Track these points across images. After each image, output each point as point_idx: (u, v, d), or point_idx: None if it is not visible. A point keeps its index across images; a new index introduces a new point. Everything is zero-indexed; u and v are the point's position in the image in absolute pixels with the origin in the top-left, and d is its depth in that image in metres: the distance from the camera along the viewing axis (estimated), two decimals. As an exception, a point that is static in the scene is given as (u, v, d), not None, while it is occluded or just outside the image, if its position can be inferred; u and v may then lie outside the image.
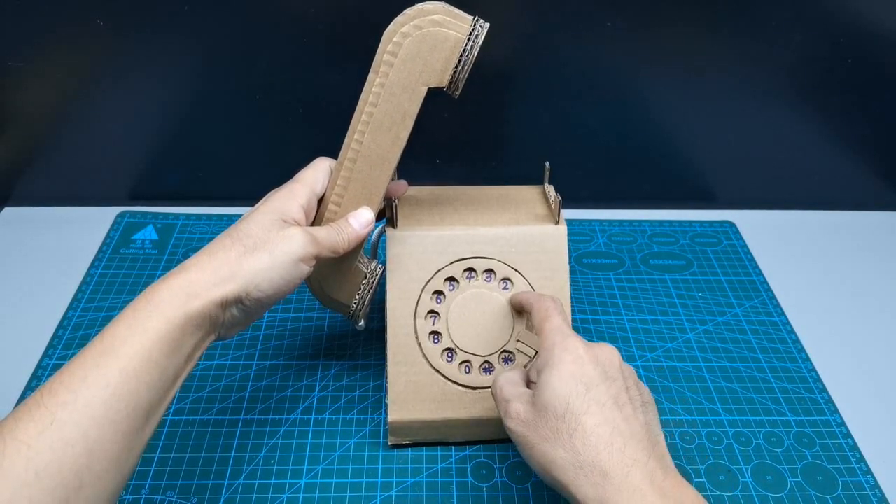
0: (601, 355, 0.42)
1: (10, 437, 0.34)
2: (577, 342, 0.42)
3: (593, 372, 0.41)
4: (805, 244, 0.78)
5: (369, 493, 0.51)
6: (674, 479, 0.38)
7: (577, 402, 0.39)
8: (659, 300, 0.69)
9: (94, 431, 0.35)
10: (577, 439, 0.38)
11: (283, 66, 0.70)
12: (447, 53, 0.46)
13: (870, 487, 0.53)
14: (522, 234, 0.54)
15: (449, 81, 0.47)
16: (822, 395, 0.60)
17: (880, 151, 0.79)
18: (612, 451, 0.38)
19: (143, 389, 0.38)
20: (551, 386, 0.40)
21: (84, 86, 0.70)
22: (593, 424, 0.38)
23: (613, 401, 0.40)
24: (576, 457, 0.38)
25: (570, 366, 0.41)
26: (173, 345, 0.39)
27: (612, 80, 0.72)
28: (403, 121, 0.48)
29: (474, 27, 0.46)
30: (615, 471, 0.37)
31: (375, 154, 0.49)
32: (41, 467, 0.34)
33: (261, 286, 0.43)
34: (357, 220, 0.49)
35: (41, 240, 0.74)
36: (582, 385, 0.40)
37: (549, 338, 0.43)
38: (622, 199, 0.81)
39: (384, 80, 0.47)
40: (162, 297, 0.40)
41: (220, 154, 0.76)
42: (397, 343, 0.53)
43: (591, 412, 0.39)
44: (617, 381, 0.41)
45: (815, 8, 0.68)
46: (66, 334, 0.63)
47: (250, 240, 0.43)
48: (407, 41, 0.46)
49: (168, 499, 0.50)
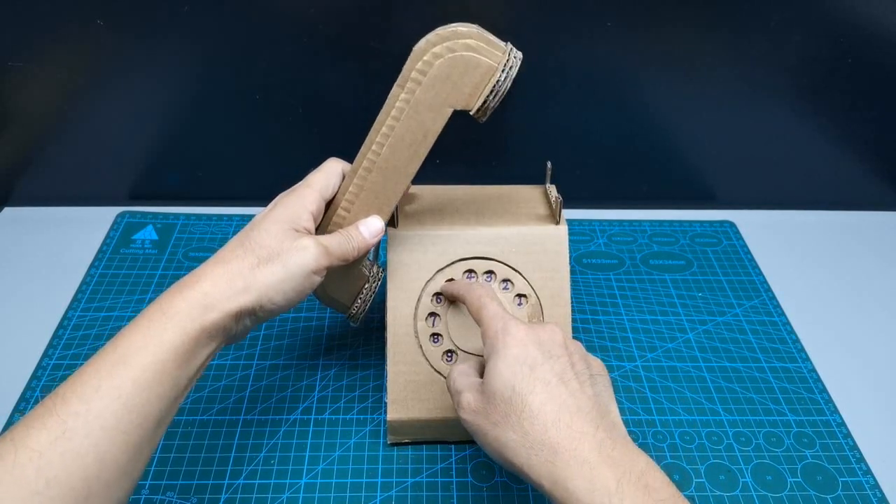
0: (543, 335, 0.42)
1: (22, 444, 0.34)
2: (517, 326, 0.42)
3: (536, 352, 0.40)
4: (805, 244, 0.78)
5: (369, 493, 0.51)
6: (624, 447, 0.38)
7: (523, 384, 0.39)
8: (659, 300, 0.69)
9: (105, 442, 0.36)
10: (525, 420, 0.38)
11: (283, 66, 0.70)
12: (478, 79, 0.46)
13: (870, 487, 0.53)
14: (523, 234, 0.54)
15: (478, 108, 0.47)
16: (822, 395, 0.60)
17: (880, 151, 0.79)
18: (560, 427, 0.37)
19: (155, 400, 0.38)
20: (497, 371, 0.40)
21: (84, 86, 0.70)
22: (539, 403, 0.38)
23: (558, 378, 0.40)
24: (525, 438, 0.38)
25: (514, 349, 0.41)
26: (187, 356, 0.40)
27: (612, 80, 0.72)
28: (425, 139, 0.48)
29: (508, 57, 0.46)
30: (563, 445, 0.37)
31: (392, 167, 0.49)
32: (52, 476, 0.34)
33: (274, 299, 0.43)
34: (367, 228, 0.49)
35: (41, 240, 0.74)
36: (526, 366, 0.40)
37: (490, 325, 0.43)
38: (622, 199, 0.81)
39: (410, 97, 0.47)
40: (178, 308, 0.40)
41: (220, 154, 0.76)
42: (397, 343, 0.53)
43: (536, 391, 0.39)
44: (561, 358, 0.41)
45: (815, 8, 0.68)
46: (66, 334, 0.63)
47: (263, 251, 0.43)
48: (438, 62, 0.46)
49: (168, 499, 0.50)
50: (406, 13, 0.66)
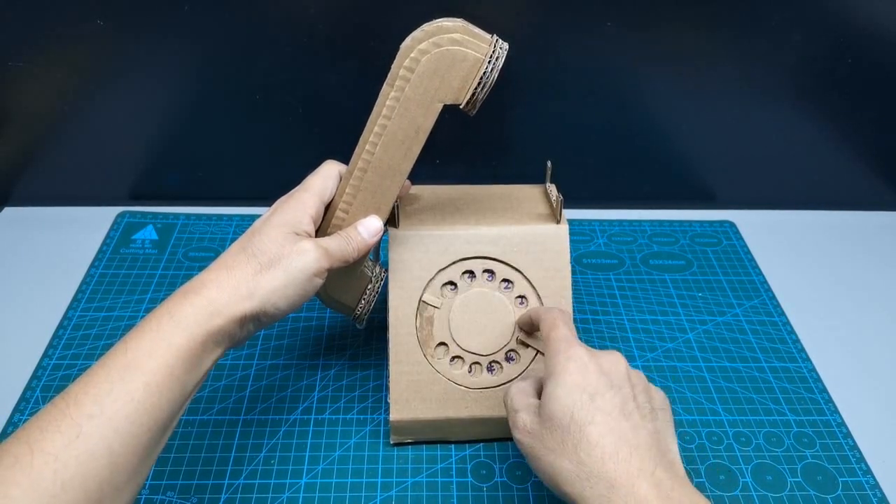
0: (605, 363, 0.41)
1: (38, 448, 0.34)
2: (581, 350, 0.42)
3: (598, 381, 0.40)
4: (805, 244, 0.78)
5: (369, 493, 0.51)
6: (682, 487, 0.37)
7: (582, 413, 0.39)
8: (659, 300, 0.69)
9: (118, 445, 0.36)
10: (582, 450, 0.38)
11: (283, 66, 0.70)
12: (465, 72, 0.46)
13: (870, 487, 0.53)
14: (524, 233, 0.54)
15: (466, 101, 0.47)
16: (822, 395, 0.60)
17: (880, 151, 0.79)
18: (618, 462, 0.37)
19: (165, 404, 0.38)
20: (555, 396, 0.40)
21: (84, 86, 0.70)
22: (598, 434, 0.38)
23: (619, 410, 0.39)
24: (581, 468, 0.38)
25: (575, 375, 0.40)
26: (194, 361, 0.40)
27: (612, 80, 0.72)
28: (417, 135, 0.48)
29: (494, 48, 0.46)
30: (621, 481, 0.37)
31: (387, 166, 0.49)
32: (67, 479, 0.34)
33: (278, 304, 0.44)
34: (366, 228, 0.49)
35: (41, 240, 0.73)
36: (586, 394, 0.40)
37: (554, 346, 0.43)
38: (622, 199, 0.81)
39: (399, 95, 0.47)
40: (185, 313, 0.40)
41: (220, 154, 0.76)
42: (399, 343, 0.53)
43: (595, 422, 0.39)
44: (623, 389, 0.40)
45: (815, 8, 0.68)
46: (66, 334, 0.63)
47: (265, 256, 0.44)
48: (425, 58, 0.46)
49: (168, 499, 0.50)
50: (406, 13, 0.66)
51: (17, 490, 0.33)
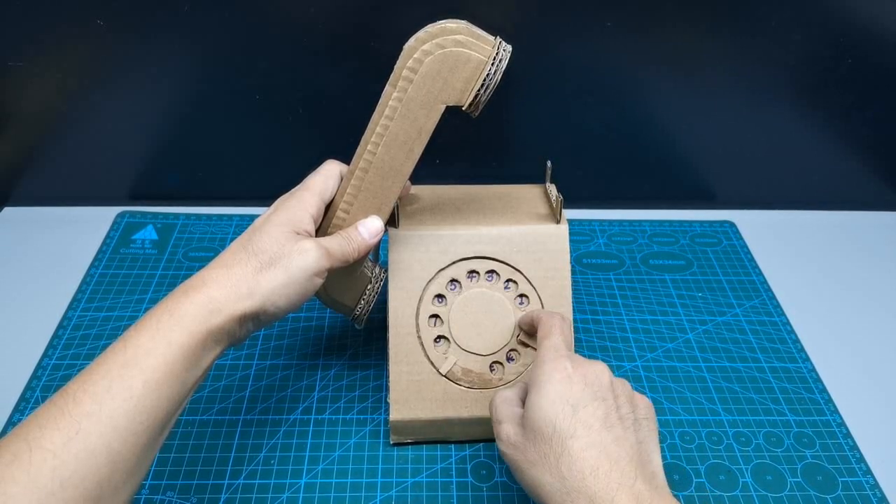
0: (590, 374, 0.41)
1: (37, 445, 0.34)
2: (566, 361, 0.42)
3: (581, 392, 0.40)
4: (805, 244, 0.78)
5: (369, 493, 0.51)
6: (661, 499, 0.37)
7: (564, 425, 0.39)
8: (659, 300, 0.69)
9: (117, 443, 0.36)
10: (564, 464, 0.38)
11: (283, 66, 0.70)
12: (468, 74, 0.46)
13: (870, 487, 0.53)
14: (524, 233, 0.54)
15: (469, 102, 0.47)
16: (822, 395, 0.60)
17: (880, 151, 0.79)
18: (598, 476, 0.37)
19: (164, 402, 0.38)
20: (539, 406, 0.40)
21: (84, 86, 0.70)
22: (579, 448, 0.38)
23: (601, 422, 0.39)
24: (562, 483, 0.38)
25: (558, 385, 0.40)
26: (193, 359, 0.40)
27: (612, 80, 0.72)
28: (419, 136, 0.48)
29: (497, 50, 0.46)
30: (600, 496, 0.37)
31: (388, 166, 0.49)
32: (66, 477, 0.34)
33: (277, 303, 0.43)
34: (367, 228, 0.49)
35: (41, 240, 0.74)
36: (569, 406, 0.40)
37: (542, 354, 0.43)
38: (622, 199, 0.81)
39: (402, 95, 0.47)
40: (185, 311, 0.40)
41: (220, 154, 0.76)
42: (399, 343, 0.53)
43: (577, 435, 0.39)
44: (606, 400, 0.40)
45: (815, 8, 0.68)
46: (66, 334, 0.63)
47: (265, 255, 0.44)
48: (428, 59, 0.46)
49: (168, 499, 0.50)
50: (406, 13, 0.66)
51: (15, 487, 0.33)
